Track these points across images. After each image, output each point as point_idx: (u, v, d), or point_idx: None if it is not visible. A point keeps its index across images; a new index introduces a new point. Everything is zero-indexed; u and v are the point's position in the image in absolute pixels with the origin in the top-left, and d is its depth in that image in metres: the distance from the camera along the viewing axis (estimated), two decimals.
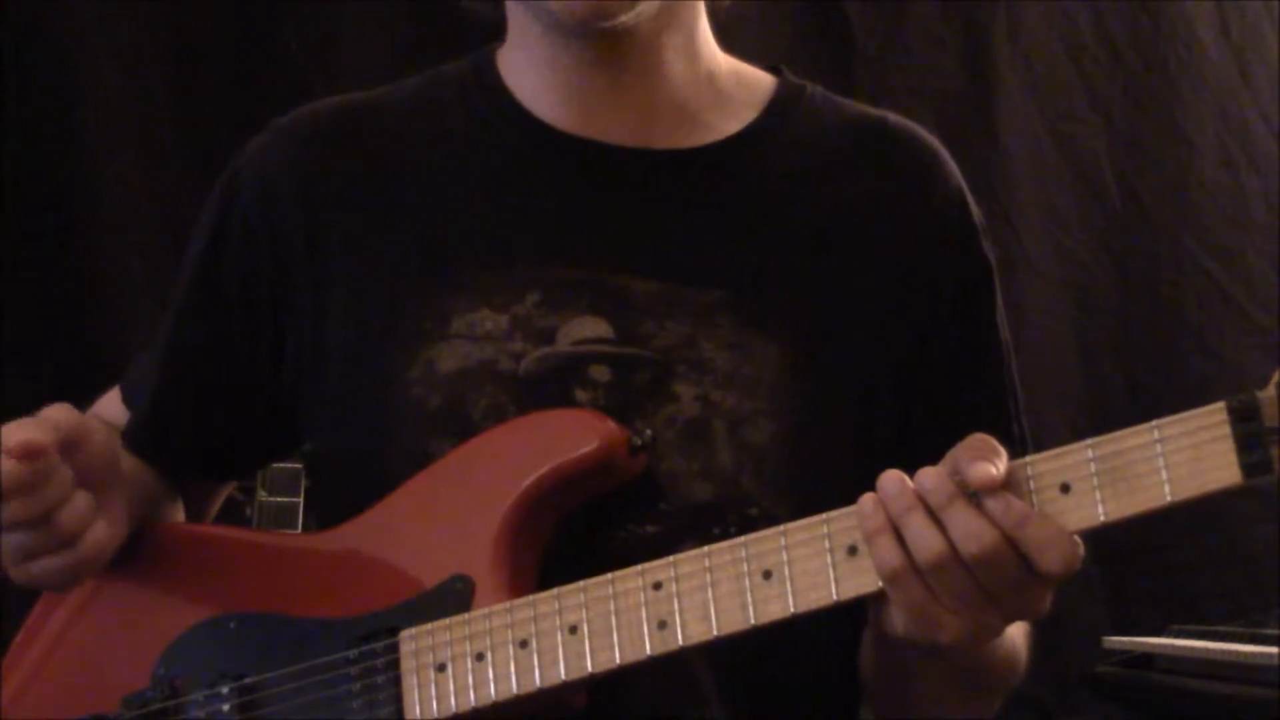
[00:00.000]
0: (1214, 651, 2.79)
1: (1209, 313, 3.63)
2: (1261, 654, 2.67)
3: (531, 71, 1.71)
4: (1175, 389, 3.60)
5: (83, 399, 1.63)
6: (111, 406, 1.82)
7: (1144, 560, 3.44)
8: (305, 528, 2.96)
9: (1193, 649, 2.85)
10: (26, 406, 1.81)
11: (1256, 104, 3.67)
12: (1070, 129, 3.65)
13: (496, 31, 1.78)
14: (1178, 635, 2.93)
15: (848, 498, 1.40)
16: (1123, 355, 3.65)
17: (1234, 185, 3.66)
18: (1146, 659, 2.94)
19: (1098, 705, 3.17)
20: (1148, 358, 3.64)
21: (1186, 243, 3.65)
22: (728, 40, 1.76)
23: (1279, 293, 3.61)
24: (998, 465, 1.36)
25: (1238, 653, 2.73)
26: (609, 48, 1.65)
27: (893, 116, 1.76)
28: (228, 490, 1.89)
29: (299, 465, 2.85)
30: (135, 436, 1.76)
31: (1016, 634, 1.62)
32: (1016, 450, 1.41)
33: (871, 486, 1.39)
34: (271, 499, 3.01)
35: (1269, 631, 2.77)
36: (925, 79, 3.58)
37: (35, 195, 3.18)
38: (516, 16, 1.71)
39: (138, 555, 1.68)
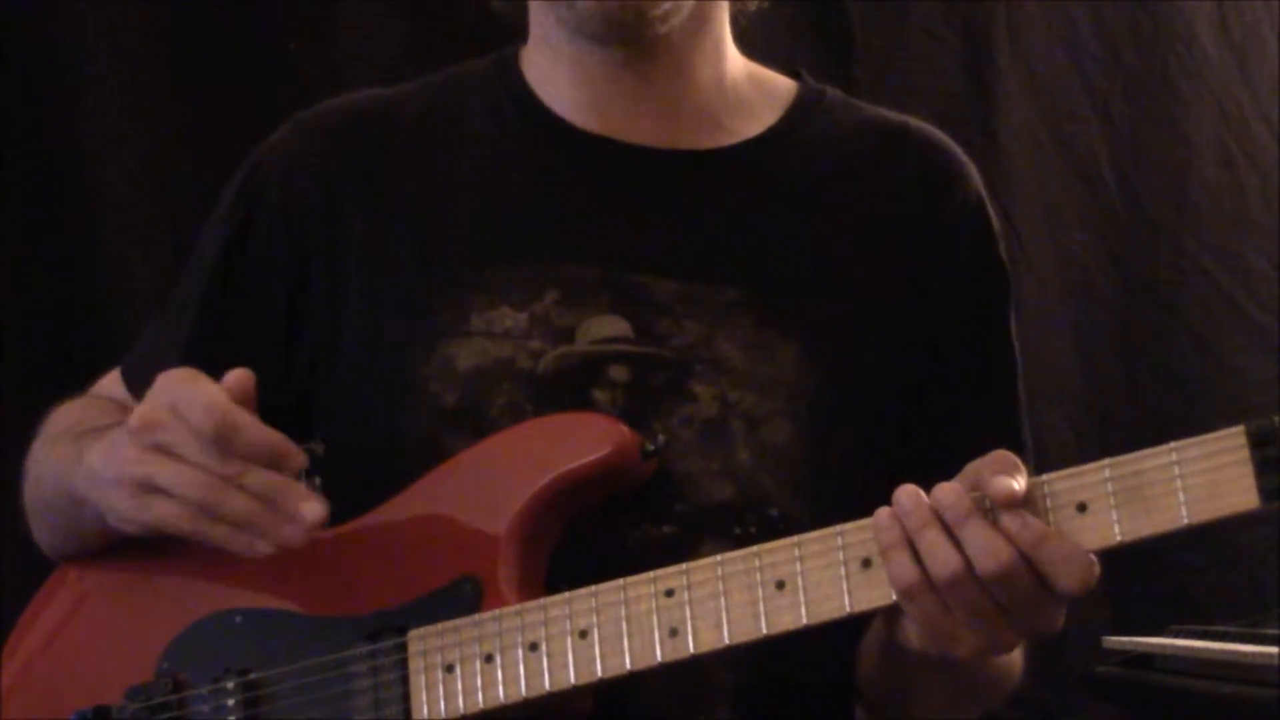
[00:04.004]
0: (1214, 651, 2.79)
1: (1209, 313, 3.63)
2: (1261, 654, 2.66)
3: (555, 72, 1.71)
4: (1175, 389, 3.60)
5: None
6: (113, 388, 1.80)
7: (1144, 560, 3.42)
8: None
9: (1193, 649, 2.85)
10: (27, 406, 1.81)
11: (1256, 104, 3.67)
12: (1070, 129, 3.64)
13: (503, 30, 1.78)
14: (1178, 635, 2.93)
15: (865, 498, 1.41)
16: (1123, 355, 3.64)
17: (1234, 185, 3.66)
18: (1146, 659, 2.93)
19: (1098, 705, 3.17)
20: (1148, 358, 3.64)
21: (1186, 243, 3.64)
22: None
23: (1279, 293, 3.60)
24: (1019, 481, 1.36)
25: (1238, 653, 2.72)
26: (640, 52, 1.66)
27: (913, 121, 1.77)
28: None
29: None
30: None
31: None
32: (1024, 458, 1.41)
33: (887, 488, 1.40)
34: None
35: (1269, 631, 2.76)
36: (925, 79, 3.57)
37: (35, 195, 3.17)
38: (540, 17, 1.71)
39: (144, 547, 1.68)
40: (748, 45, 1.79)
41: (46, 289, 3.15)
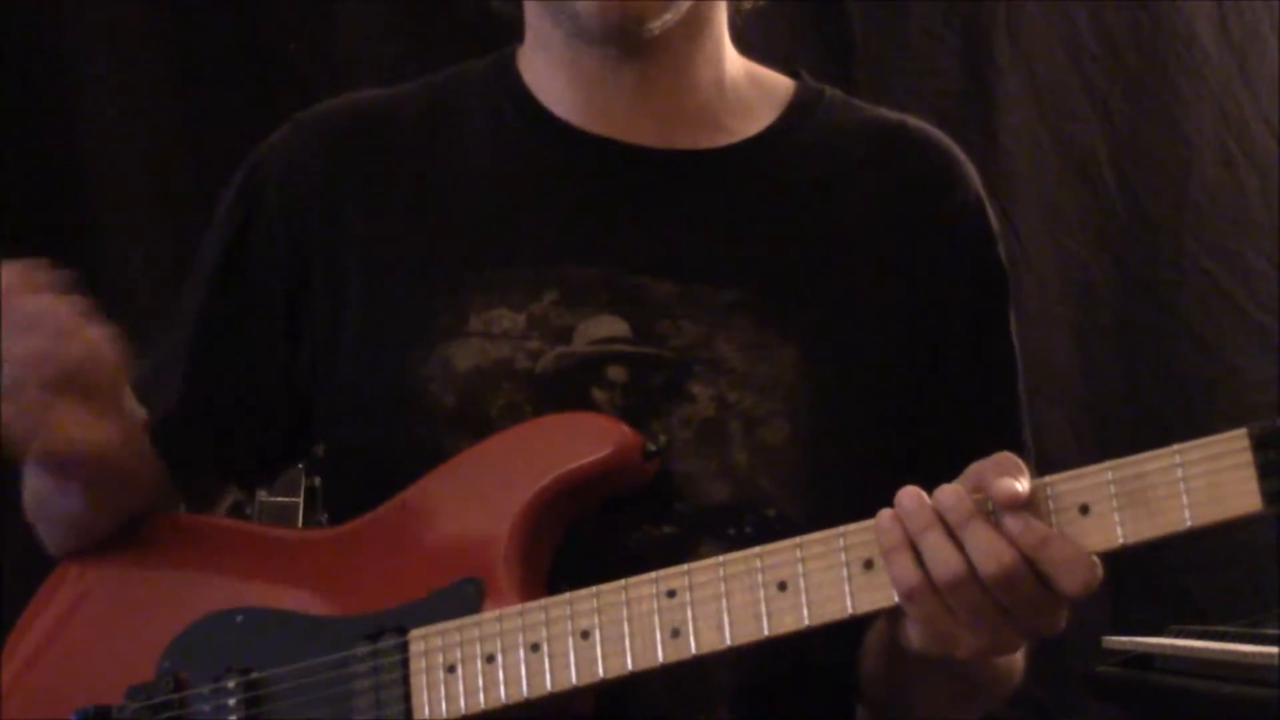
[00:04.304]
0: (1214, 651, 2.79)
1: (1209, 313, 3.64)
2: (1261, 654, 2.67)
3: (552, 72, 1.71)
4: (1175, 389, 3.61)
5: None
6: None
7: (1144, 560, 3.43)
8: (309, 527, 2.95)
9: (1193, 649, 2.85)
10: None
11: (1256, 104, 3.68)
12: (1070, 129, 3.65)
13: (501, 30, 1.78)
14: (1178, 635, 2.93)
15: (864, 499, 1.41)
16: (1123, 355, 3.65)
17: (1234, 185, 3.67)
18: (1146, 659, 2.94)
19: (1097, 705, 3.18)
20: (1148, 358, 3.65)
21: (1186, 243, 3.65)
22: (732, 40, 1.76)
23: (1279, 293, 3.61)
24: (1022, 483, 1.36)
25: (1238, 653, 2.73)
26: (637, 53, 1.65)
27: (912, 120, 1.77)
28: (230, 496, 1.88)
29: (300, 465, 2.85)
30: (163, 436, 1.76)
31: None
32: (1024, 458, 1.41)
33: (886, 490, 1.39)
34: (271, 499, 3.00)
35: (1269, 631, 2.77)
36: (925, 79, 3.58)
37: (35, 196, 3.17)
38: (536, 19, 1.71)
39: (145, 545, 1.69)
40: (747, 45, 1.78)
41: None
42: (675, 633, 1.43)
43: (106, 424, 1.58)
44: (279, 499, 3.01)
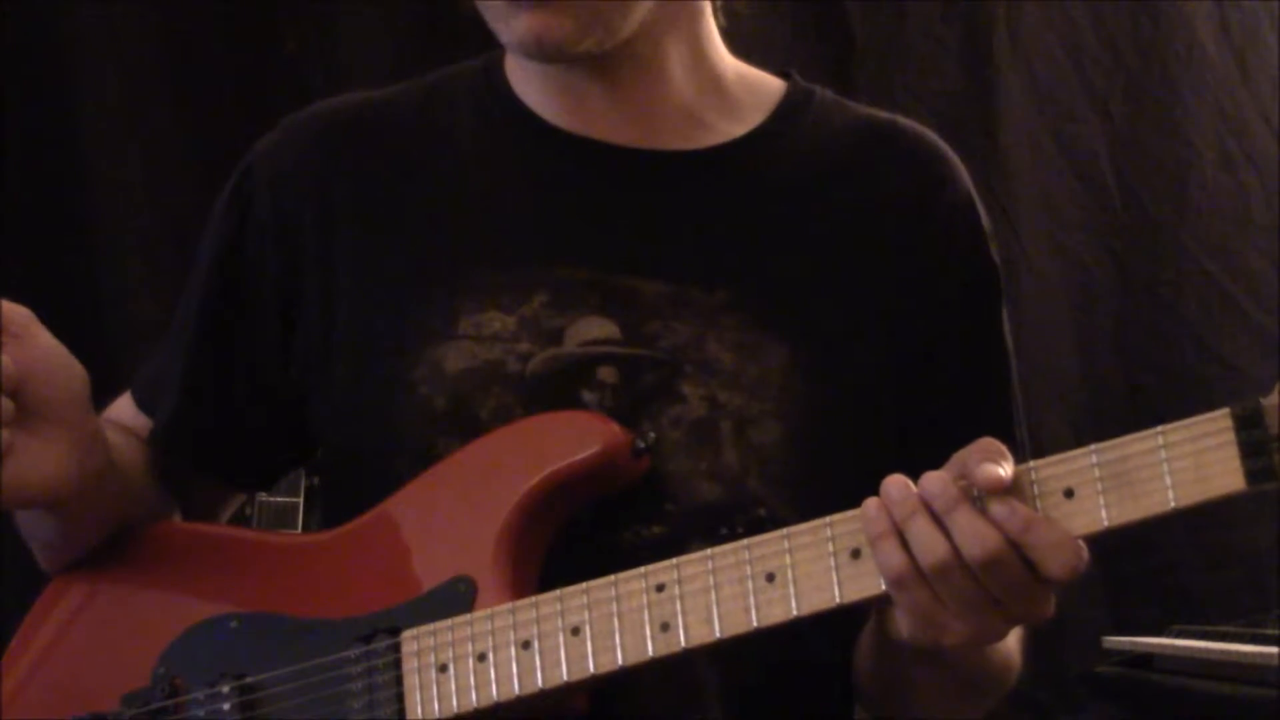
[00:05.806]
0: (1214, 651, 2.79)
1: (1209, 313, 3.64)
2: (1261, 654, 2.67)
3: (531, 75, 1.71)
4: (1175, 389, 3.61)
5: None
6: (124, 411, 1.81)
7: (1144, 560, 3.44)
8: (307, 528, 2.96)
9: (1193, 649, 2.85)
10: None
11: (1256, 104, 3.68)
12: (1070, 129, 3.65)
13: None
14: (1178, 635, 2.93)
15: (854, 498, 1.41)
16: (1123, 355, 3.66)
17: (1234, 185, 3.67)
18: (1146, 659, 2.94)
19: (1098, 705, 3.18)
20: (1148, 358, 3.65)
21: (1186, 243, 3.65)
22: (727, 41, 1.76)
23: (1279, 293, 3.62)
24: (1005, 468, 1.36)
25: (1238, 653, 2.73)
26: (598, 65, 1.65)
27: (903, 120, 1.76)
28: (235, 504, 1.89)
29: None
30: (164, 440, 1.76)
31: (1010, 637, 1.62)
32: (1018, 456, 1.41)
33: (878, 488, 1.39)
34: (271, 499, 3.01)
35: (1269, 631, 2.77)
36: (925, 79, 3.59)
37: (35, 196, 3.18)
38: None
39: (138, 554, 1.69)
40: (748, 46, 1.78)
41: (46, 289, 3.15)
42: (665, 626, 1.43)
43: (60, 452, 1.56)
44: (278, 499, 3.01)
